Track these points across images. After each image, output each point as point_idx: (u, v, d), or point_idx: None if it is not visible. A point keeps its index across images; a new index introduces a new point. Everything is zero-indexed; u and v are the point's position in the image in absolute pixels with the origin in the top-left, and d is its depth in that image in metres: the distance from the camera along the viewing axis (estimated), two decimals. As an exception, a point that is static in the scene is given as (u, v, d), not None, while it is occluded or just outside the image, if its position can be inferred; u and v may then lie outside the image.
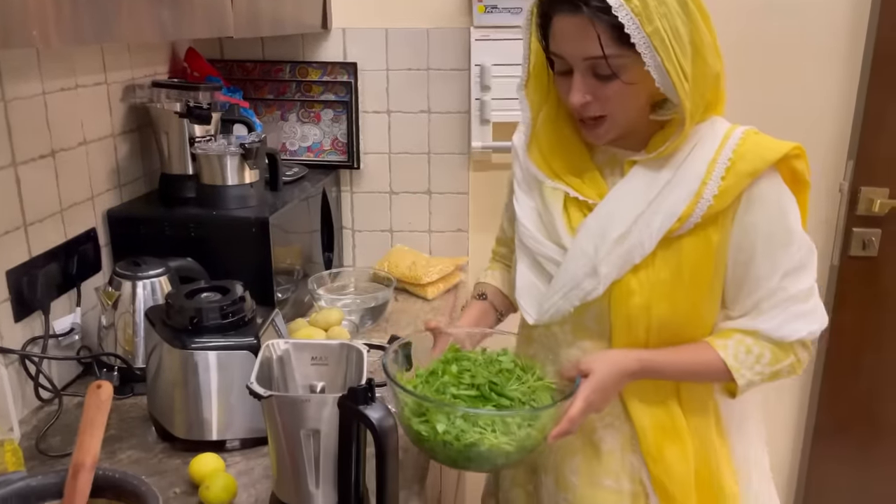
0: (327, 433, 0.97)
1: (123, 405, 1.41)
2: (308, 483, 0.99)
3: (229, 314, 1.25)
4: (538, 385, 1.14)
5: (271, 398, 0.96)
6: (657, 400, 1.18)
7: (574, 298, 1.14)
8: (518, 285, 1.22)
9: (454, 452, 1.03)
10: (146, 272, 1.45)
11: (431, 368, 1.16)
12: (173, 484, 1.17)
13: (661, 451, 1.18)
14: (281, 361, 1.08)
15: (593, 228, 1.13)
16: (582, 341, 1.19)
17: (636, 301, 1.12)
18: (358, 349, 1.09)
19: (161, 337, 1.25)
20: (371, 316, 1.75)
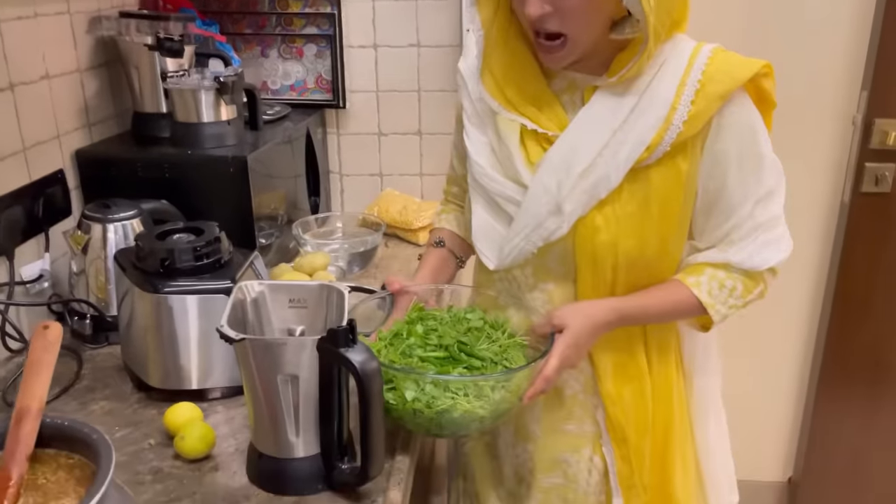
0: (307, 379, 0.90)
1: (98, 355, 1.33)
2: (287, 432, 0.92)
3: (204, 256, 1.16)
4: (510, 343, 1.07)
5: (244, 342, 0.88)
6: (620, 340, 1.13)
7: (537, 239, 1.07)
8: (475, 228, 1.14)
9: (425, 420, 0.96)
10: (117, 214, 1.36)
11: (395, 330, 1.09)
12: (148, 435, 1.10)
13: (621, 392, 1.14)
14: (256, 304, 0.99)
15: (556, 163, 1.04)
16: (545, 283, 1.12)
17: (602, 238, 1.05)
18: (339, 290, 1.00)
19: (132, 281, 1.16)
20: (359, 261, 1.67)
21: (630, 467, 1.16)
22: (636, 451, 1.16)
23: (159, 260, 1.14)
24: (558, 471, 1.20)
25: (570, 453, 1.19)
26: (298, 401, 0.90)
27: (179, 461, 1.04)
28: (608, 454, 1.17)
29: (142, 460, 1.05)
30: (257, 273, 1.26)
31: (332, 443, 0.93)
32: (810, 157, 1.98)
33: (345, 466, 0.94)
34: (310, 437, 0.93)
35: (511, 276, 1.15)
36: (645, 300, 1.09)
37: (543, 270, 1.12)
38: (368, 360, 0.86)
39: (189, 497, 0.97)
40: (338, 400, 0.91)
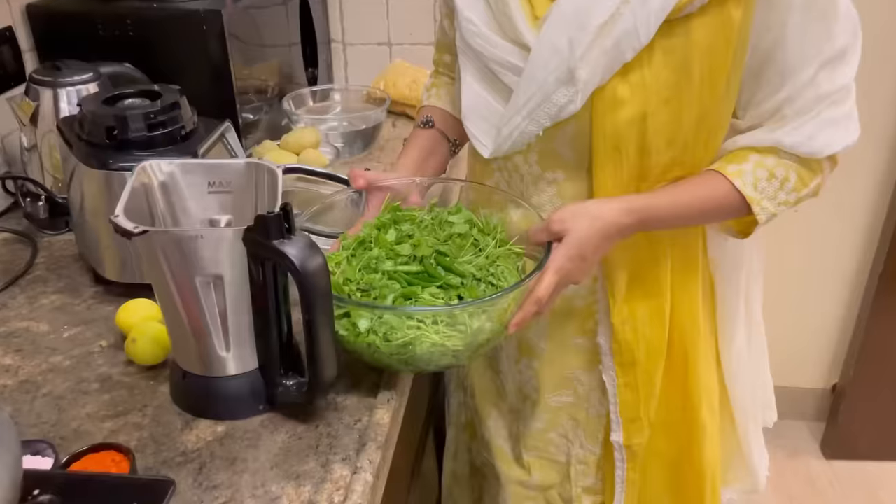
0: (234, 280, 0.72)
1: (56, 243, 1.17)
2: (215, 346, 0.75)
3: (160, 125, 0.96)
4: (500, 252, 0.87)
5: (148, 236, 0.69)
6: (640, 247, 0.92)
7: (543, 117, 0.85)
8: (465, 106, 0.92)
9: (384, 356, 0.78)
10: (69, 78, 1.16)
11: (362, 237, 0.89)
12: (100, 335, 0.94)
13: (634, 310, 0.95)
14: (165, 189, 0.80)
15: (567, 14, 0.81)
16: (554, 173, 0.91)
17: (626, 114, 0.83)
18: (270, 169, 0.80)
19: (77, 156, 0.97)
20: (360, 142, 1.46)
21: (636, 396, 0.99)
22: (645, 378, 0.98)
23: (105, 129, 0.95)
24: (568, 388, 1.04)
25: (582, 370, 1.02)
26: (225, 307, 0.73)
27: (133, 368, 0.88)
28: (609, 381, 1.00)
29: (89, 365, 0.89)
30: (229, 148, 1.06)
31: (273, 355, 0.76)
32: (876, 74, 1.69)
33: (290, 383, 0.78)
34: (244, 350, 0.77)
35: (511, 164, 0.94)
36: (672, 197, 0.87)
37: (551, 157, 0.91)
38: (309, 254, 0.68)
39: (138, 411, 0.81)
40: (275, 303, 0.74)
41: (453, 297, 0.81)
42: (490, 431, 1.13)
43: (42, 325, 0.96)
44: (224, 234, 0.71)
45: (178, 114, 0.98)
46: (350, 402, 0.82)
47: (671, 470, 1.06)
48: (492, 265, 0.86)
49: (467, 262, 0.85)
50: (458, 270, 0.83)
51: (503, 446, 1.12)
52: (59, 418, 0.81)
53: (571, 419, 1.06)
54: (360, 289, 0.82)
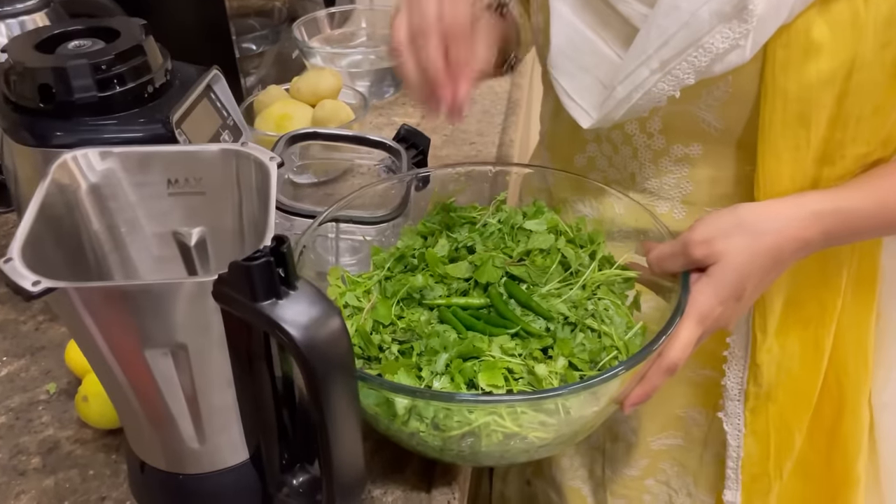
0: (204, 348, 0.47)
1: (3, 224, 0.91)
2: (182, 437, 0.50)
3: (116, 79, 0.68)
4: (602, 277, 0.59)
5: (60, 294, 0.42)
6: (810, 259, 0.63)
7: (686, 70, 0.56)
8: (555, 47, 0.62)
9: (432, 450, 0.53)
10: (8, 6, 0.88)
11: (399, 250, 0.62)
12: (49, 373, 0.70)
13: (785, 340, 0.68)
14: (98, 194, 0.52)
15: None
16: (685, 147, 0.63)
17: (823, 67, 0.55)
18: (257, 160, 0.53)
19: (1, 126, 0.70)
20: (391, 80, 1.16)
21: (765, 449, 0.73)
22: (782, 427, 0.72)
23: (39, 87, 0.66)
24: (679, 430, 0.79)
25: (701, 408, 0.77)
26: (194, 387, 0.47)
27: (89, 430, 0.64)
28: (732, 430, 0.73)
29: (30, 426, 0.65)
30: (218, 105, 0.78)
31: (269, 443, 0.52)
32: None
33: (297, 481, 0.54)
34: (228, 438, 0.51)
35: (619, 134, 0.66)
36: (875, 191, 0.59)
37: (685, 124, 0.62)
38: (319, 321, 0.42)
39: (91, 510, 0.57)
40: (268, 372, 0.48)
41: (535, 349, 0.54)
42: (563, 472, 0.88)
43: (-27, 356, 0.72)
44: (184, 288, 0.44)
45: (143, 61, 0.69)
46: (391, 502, 0.57)
47: None
48: (590, 298, 0.59)
49: (554, 296, 0.58)
50: (542, 310, 0.56)
51: (581, 489, 0.88)
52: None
53: (678, 465, 0.81)
54: (397, 340, 0.56)
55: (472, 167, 0.72)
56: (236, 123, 0.80)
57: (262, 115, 0.94)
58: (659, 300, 0.61)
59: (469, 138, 1.06)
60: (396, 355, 0.54)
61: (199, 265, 0.60)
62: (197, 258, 0.59)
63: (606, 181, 0.69)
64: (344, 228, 0.70)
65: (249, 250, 0.43)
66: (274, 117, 0.92)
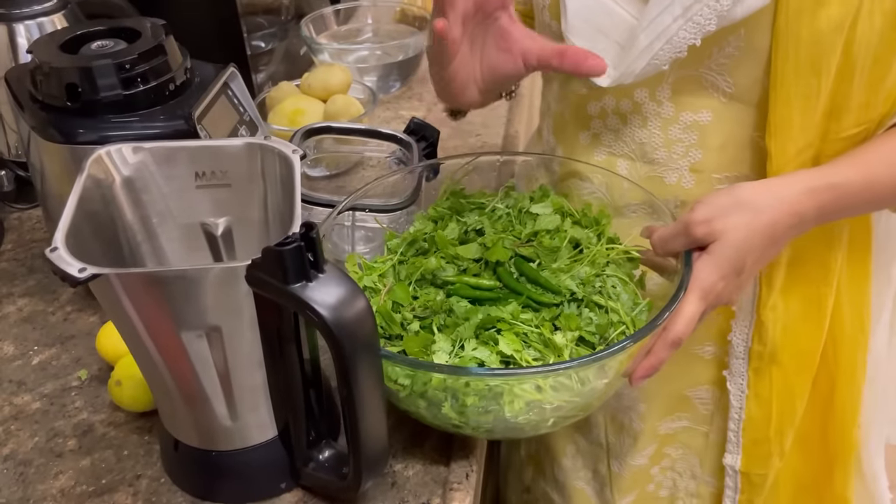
0: (237, 330, 0.50)
1: (27, 220, 0.94)
2: (215, 414, 0.54)
3: (138, 78, 0.70)
4: (609, 255, 0.62)
5: (103, 280, 0.45)
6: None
7: (707, 15, 0.57)
8: (571, 11, 0.64)
9: (450, 420, 0.56)
10: (27, 8, 0.90)
11: (412, 234, 0.65)
12: (80, 361, 0.73)
13: (789, 301, 0.70)
14: (132, 187, 0.56)
15: None
16: (695, 113, 0.65)
17: (834, 14, 0.57)
18: (281, 153, 0.56)
19: (30, 124, 0.73)
20: (397, 75, 1.18)
21: (767, 412, 0.75)
22: (785, 390, 0.75)
23: (65, 87, 0.69)
24: (686, 411, 0.81)
25: (709, 385, 0.79)
26: (227, 366, 0.51)
27: (121, 413, 0.67)
28: (735, 389, 0.76)
29: (64, 409, 0.68)
30: (235, 101, 0.81)
31: (298, 421, 0.55)
32: None
33: (323, 456, 0.57)
34: (257, 416, 0.55)
35: (627, 103, 0.67)
36: (866, 165, 0.61)
37: (694, 88, 0.64)
38: (346, 299, 0.46)
39: (128, 486, 0.60)
40: (297, 353, 0.51)
41: (545, 319, 0.57)
42: (566, 473, 0.90)
43: (6, 346, 0.74)
44: (218, 272, 0.47)
45: (165, 61, 0.72)
46: (412, 476, 0.60)
47: (803, 499, 0.84)
48: (598, 275, 0.61)
49: (563, 271, 0.61)
50: (551, 284, 0.59)
51: (584, 489, 0.90)
52: (24, 495, 0.60)
53: (683, 447, 0.83)
54: (416, 316, 0.59)
55: (481, 157, 0.74)
56: (252, 119, 0.83)
57: (275, 111, 0.97)
58: (664, 280, 0.64)
59: (475, 130, 1.09)
60: (418, 330, 0.57)
61: (226, 254, 0.63)
62: (223, 247, 0.62)
63: (613, 155, 0.71)
64: (359, 217, 0.73)
65: (275, 239, 0.46)
66: (287, 112, 0.95)
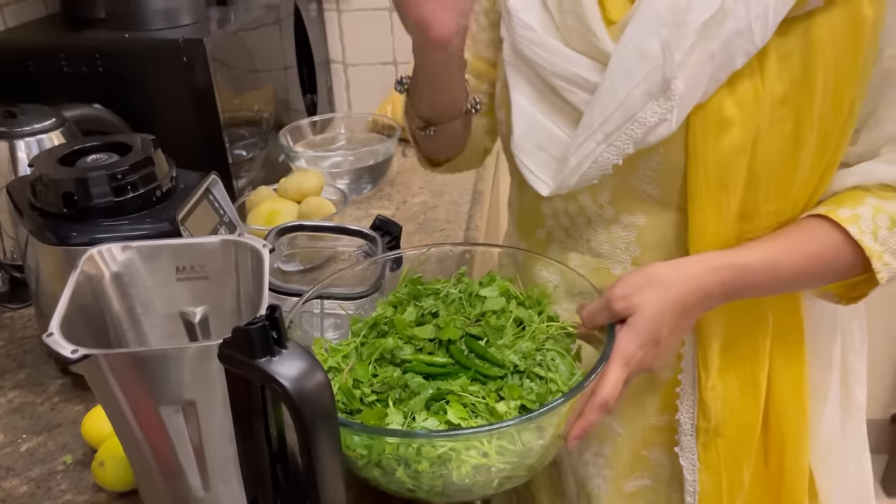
0: (210, 405, 0.56)
1: (18, 319, 1.00)
2: (190, 486, 0.59)
3: (128, 186, 0.79)
4: (548, 332, 0.70)
5: (94, 360, 0.52)
6: (737, 303, 0.74)
7: (625, 141, 0.67)
8: (517, 133, 0.74)
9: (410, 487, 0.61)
10: (27, 126, 0.99)
11: (374, 318, 0.72)
12: (65, 447, 0.77)
13: (725, 376, 0.77)
14: (120, 281, 0.63)
15: (660, 11, 0.64)
16: (631, 215, 0.74)
17: (734, 138, 0.66)
18: (253, 248, 0.64)
19: (29, 229, 0.80)
20: (368, 178, 1.28)
21: (718, 483, 0.81)
22: (731, 462, 0.80)
23: (62, 195, 0.78)
24: (646, 470, 0.86)
25: (663, 449, 0.85)
26: (201, 439, 0.56)
27: (103, 494, 0.72)
28: (688, 465, 0.81)
29: (50, 492, 0.72)
30: (216, 205, 0.89)
31: (266, 491, 0.59)
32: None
33: None
34: (229, 487, 0.60)
35: (575, 206, 0.77)
36: (768, 252, 0.70)
37: (629, 195, 0.73)
38: (307, 373, 0.51)
39: (108, 562, 0.64)
40: (264, 427, 0.57)
41: (491, 391, 0.64)
42: None
43: (-4, 434, 0.79)
44: (195, 352, 0.54)
45: (152, 171, 0.81)
46: (375, 538, 0.65)
47: None
48: (538, 350, 0.68)
49: (508, 347, 0.67)
50: (497, 359, 0.66)
51: None
52: (10, 573, 0.64)
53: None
54: (374, 391, 0.65)
55: (436, 247, 0.82)
56: (231, 220, 0.91)
57: (253, 212, 1.06)
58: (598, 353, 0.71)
59: (439, 226, 1.18)
60: (374, 403, 0.63)
61: (202, 339, 0.69)
62: (200, 333, 0.69)
63: (566, 249, 0.80)
64: (328, 306, 0.80)
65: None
66: (264, 214, 1.04)
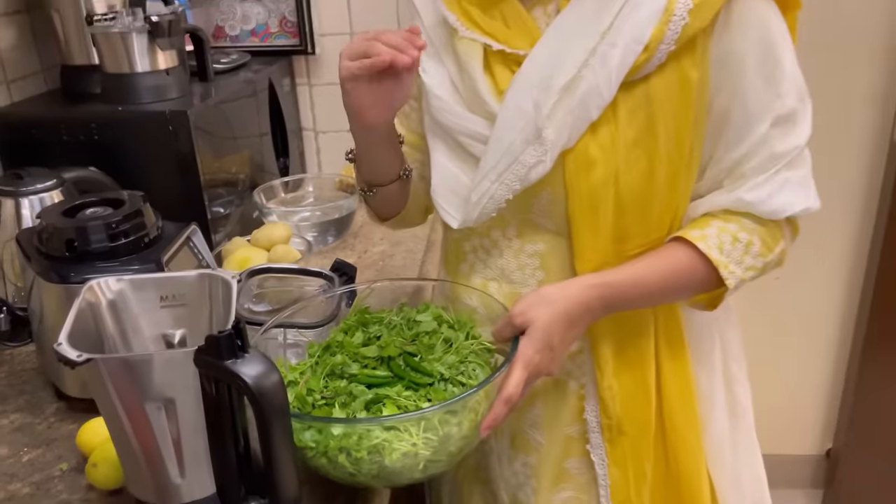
0: (187, 402, 0.69)
1: (17, 355, 1.12)
2: (168, 473, 0.71)
3: (121, 234, 0.94)
4: (471, 348, 0.85)
5: (93, 364, 0.66)
6: (625, 319, 0.90)
7: (512, 180, 0.84)
8: (435, 182, 0.92)
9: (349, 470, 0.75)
10: (31, 186, 1.14)
11: (327, 342, 0.87)
12: (61, 458, 0.90)
13: (621, 380, 0.92)
14: (114, 308, 0.77)
15: (531, 78, 0.82)
16: (534, 245, 0.90)
17: (600, 174, 0.83)
18: (224, 280, 0.78)
19: (35, 270, 0.94)
20: (334, 231, 1.44)
21: (625, 475, 0.94)
22: (634, 455, 0.94)
23: (65, 242, 0.92)
24: (568, 482, 0.99)
25: (579, 458, 0.98)
26: (179, 432, 0.69)
27: (94, 493, 0.84)
28: (598, 461, 0.95)
29: (49, 492, 0.84)
30: (196, 251, 1.04)
31: (231, 479, 0.72)
32: (853, 91, 1.72)
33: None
34: (201, 475, 0.72)
35: (490, 241, 0.93)
36: (634, 269, 0.86)
37: (530, 228, 0.90)
38: (265, 374, 0.64)
39: (98, 544, 0.76)
40: (231, 424, 0.70)
41: (421, 398, 0.78)
42: None
43: (1, 449, 0.91)
44: (174, 356, 0.68)
45: (141, 221, 0.96)
46: (325, 523, 0.78)
47: None
48: (462, 363, 0.83)
49: (437, 360, 0.82)
50: (427, 370, 0.80)
51: None
52: (15, 557, 0.76)
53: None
54: (324, 397, 0.79)
55: (380, 282, 0.97)
56: (208, 264, 1.05)
57: (227, 259, 1.20)
58: None
59: (396, 271, 1.33)
60: (322, 405, 0.77)
61: (182, 357, 0.83)
62: (180, 352, 0.83)
63: (486, 279, 0.95)
64: (290, 336, 0.95)
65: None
66: (237, 260, 1.18)
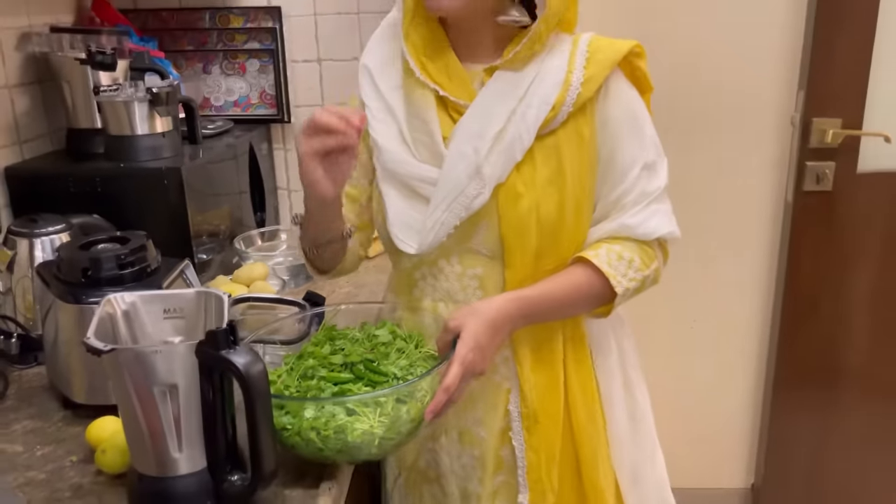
0: (186, 388, 0.86)
1: (25, 375, 1.28)
2: (169, 448, 0.88)
3: (128, 265, 1.12)
4: (420, 355, 1.05)
5: (114, 353, 0.84)
6: (539, 328, 1.11)
7: (459, 208, 1.05)
8: (391, 217, 1.10)
9: (317, 445, 0.92)
10: (43, 229, 1.32)
11: (301, 352, 1.06)
12: (71, 452, 1.05)
13: (538, 378, 1.12)
14: (127, 317, 0.95)
15: (471, 128, 1.06)
16: (474, 269, 1.11)
17: (525, 204, 1.05)
18: (217, 296, 0.97)
19: (53, 294, 1.12)
20: (305, 274, 1.63)
21: (538, 458, 1.13)
22: (546, 442, 1.12)
23: (81, 270, 1.11)
24: (502, 468, 1.17)
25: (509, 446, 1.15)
26: (179, 413, 0.86)
27: (102, 476, 1.00)
28: (518, 445, 1.14)
29: (62, 478, 1.00)
30: (188, 282, 1.23)
31: (220, 454, 0.89)
32: (753, 157, 2.00)
33: (234, 478, 0.90)
34: (194, 451, 0.89)
35: (437, 268, 1.13)
36: (543, 285, 1.07)
37: (470, 255, 1.10)
38: (252, 362, 0.82)
39: (107, 514, 0.93)
40: (222, 407, 0.88)
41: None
42: None
43: (16, 447, 1.07)
44: (178, 349, 0.85)
45: (145, 255, 1.15)
46: (295, 494, 0.94)
47: None
48: (411, 366, 1.02)
49: (391, 364, 1.01)
50: (382, 371, 0.99)
51: None
52: (36, 526, 0.91)
53: (505, 494, 1.16)
54: (298, 391, 0.98)
55: (345, 305, 1.17)
56: (198, 294, 1.24)
57: (213, 295, 1.39)
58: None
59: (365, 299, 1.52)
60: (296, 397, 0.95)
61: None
62: (179, 357, 1.01)
63: (434, 300, 1.14)
64: (268, 349, 1.13)
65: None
66: (221, 294, 1.37)
